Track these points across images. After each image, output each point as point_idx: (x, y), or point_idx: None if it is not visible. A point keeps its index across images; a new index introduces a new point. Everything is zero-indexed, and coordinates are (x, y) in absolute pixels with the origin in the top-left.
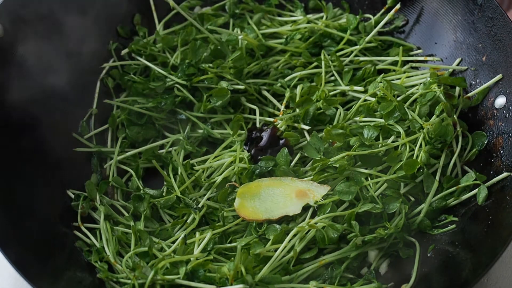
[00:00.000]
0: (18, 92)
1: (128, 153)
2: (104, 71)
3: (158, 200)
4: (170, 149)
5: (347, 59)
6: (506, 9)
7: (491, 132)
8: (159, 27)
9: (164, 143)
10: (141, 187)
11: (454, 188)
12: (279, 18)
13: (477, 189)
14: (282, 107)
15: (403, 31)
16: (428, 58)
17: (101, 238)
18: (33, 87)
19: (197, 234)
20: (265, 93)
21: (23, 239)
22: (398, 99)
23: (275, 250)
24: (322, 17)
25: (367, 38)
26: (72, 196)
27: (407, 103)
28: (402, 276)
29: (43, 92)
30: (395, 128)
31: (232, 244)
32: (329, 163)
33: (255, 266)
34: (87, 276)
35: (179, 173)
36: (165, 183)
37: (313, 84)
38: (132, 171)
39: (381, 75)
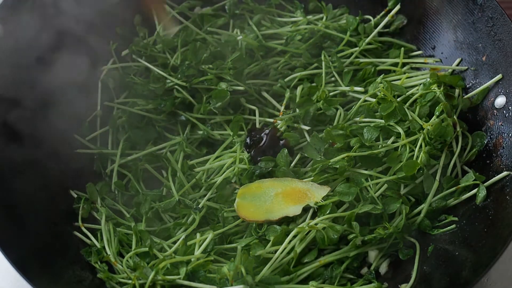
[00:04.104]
0: (19, 92)
1: (129, 158)
2: (104, 72)
3: (159, 205)
4: (170, 148)
5: (348, 61)
6: None
7: (491, 132)
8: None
9: (165, 145)
10: (141, 190)
11: (454, 188)
12: (279, 19)
13: (476, 189)
14: (282, 108)
15: (403, 31)
16: (428, 60)
17: (101, 239)
18: (34, 86)
19: (198, 235)
20: (265, 94)
21: (23, 239)
22: (398, 99)
23: (275, 252)
24: (322, 18)
25: (367, 40)
26: (75, 196)
27: (407, 104)
28: (402, 276)
29: (44, 92)
30: (395, 129)
31: (233, 245)
32: (329, 164)
33: (256, 267)
34: (87, 276)
35: (178, 175)
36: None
37: (313, 84)
38: (130, 176)
39: (381, 76)
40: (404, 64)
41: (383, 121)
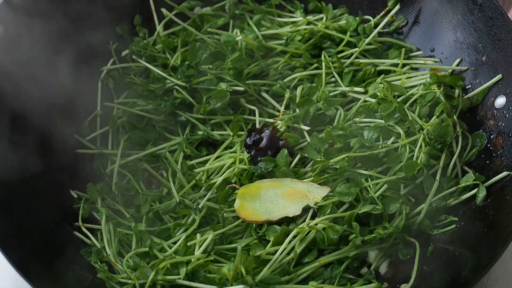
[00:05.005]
0: (20, 93)
1: (129, 158)
2: (104, 72)
3: (160, 206)
4: (170, 149)
5: (348, 61)
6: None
7: (491, 132)
8: (159, 28)
9: (165, 146)
10: (140, 191)
11: (454, 188)
12: (279, 19)
13: (476, 189)
14: (282, 108)
15: (402, 31)
16: (428, 60)
17: (101, 239)
18: (35, 88)
19: (198, 235)
20: (265, 94)
21: (23, 239)
22: (398, 100)
23: (275, 252)
24: (322, 18)
25: (367, 40)
26: (75, 196)
27: (407, 104)
28: (402, 276)
29: (45, 93)
30: (395, 129)
31: (233, 245)
32: (329, 164)
33: (255, 267)
34: (87, 276)
35: (178, 176)
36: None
37: (313, 85)
38: (130, 176)
39: (381, 76)
40: (404, 65)
41: (383, 121)
